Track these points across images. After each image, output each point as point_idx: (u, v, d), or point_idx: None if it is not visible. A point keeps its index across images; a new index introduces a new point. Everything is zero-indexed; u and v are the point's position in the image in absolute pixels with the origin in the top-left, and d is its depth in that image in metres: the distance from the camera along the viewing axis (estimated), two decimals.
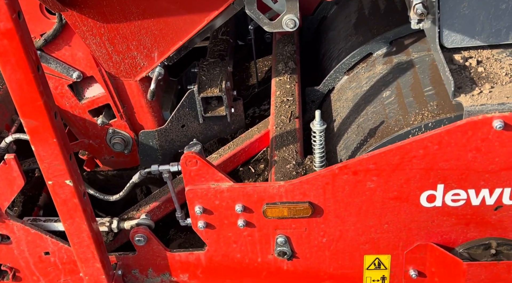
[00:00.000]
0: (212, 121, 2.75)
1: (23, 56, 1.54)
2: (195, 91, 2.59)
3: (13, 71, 1.57)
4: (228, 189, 2.05)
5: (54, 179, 1.84)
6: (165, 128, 2.68)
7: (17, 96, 1.63)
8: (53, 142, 1.73)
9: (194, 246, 2.69)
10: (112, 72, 2.47)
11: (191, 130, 2.74)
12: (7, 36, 1.50)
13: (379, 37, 2.59)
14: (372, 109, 2.31)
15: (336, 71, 2.70)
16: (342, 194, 2.02)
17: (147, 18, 2.20)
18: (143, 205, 2.45)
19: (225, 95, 2.56)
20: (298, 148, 2.27)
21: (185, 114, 2.67)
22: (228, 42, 3.02)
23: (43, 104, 1.65)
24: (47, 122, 1.69)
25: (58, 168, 1.80)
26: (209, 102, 2.69)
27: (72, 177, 1.84)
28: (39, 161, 1.80)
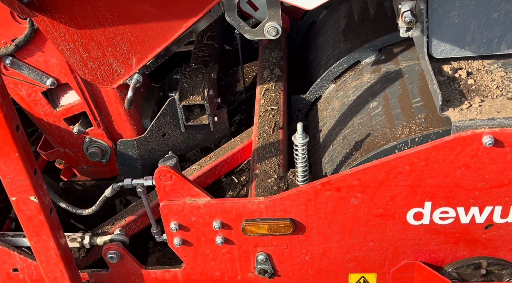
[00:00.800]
0: (194, 130, 2.65)
1: None
2: (176, 99, 2.49)
3: None
4: (205, 205, 1.95)
5: (18, 195, 1.73)
6: (144, 137, 2.57)
7: None
8: (15, 156, 1.63)
9: (173, 260, 2.58)
10: (88, 79, 2.36)
11: (172, 139, 2.64)
12: None
13: (367, 45, 2.50)
14: (358, 121, 2.22)
15: (323, 79, 2.61)
16: (325, 210, 1.92)
17: (122, 23, 2.10)
18: (119, 219, 2.34)
19: (208, 104, 2.46)
20: (280, 161, 2.17)
21: (166, 122, 2.57)
22: (213, 47, 2.92)
23: (3, 117, 1.54)
24: (8, 136, 1.58)
25: (21, 183, 1.69)
26: (192, 110, 2.59)
27: (37, 192, 1.73)
28: (1, 176, 1.69)
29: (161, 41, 2.18)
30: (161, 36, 2.15)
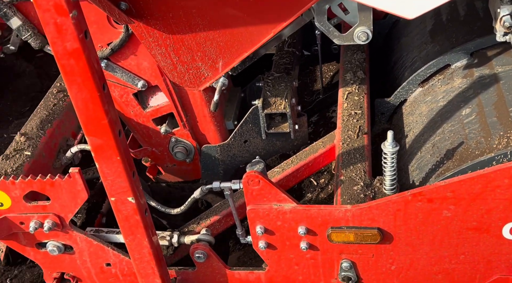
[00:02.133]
0: (275, 137, 2.68)
1: (89, 76, 1.51)
2: (259, 107, 2.52)
3: (79, 90, 1.55)
4: (291, 211, 1.96)
5: (117, 196, 1.82)
6: (227, 143, 2.63)
7: (82, 115, 1.61)
8: (116, 159, 1.71)
9: (253, 260, 2.63)
10: (177, 82, 2.43)
11: (253, 146, 2.69)
12: (73, 56, 1.47)
13: (458, 48, 2.40)
14: (449, 128, 2.14)
15: (410, 82, 2.54)
16: (415, 221, 1.88)
17: (212, 29, 2.14)
18: (204, 218, 2.41)
19: (290, 112, 2.48)
20: (366, 167, 2.14)
21: (248, 130, 2.62)
22: (294, 55, 2.93)
23: (107, 123, 1.62)
24: (111, 141, 1.66)
25: (121, 185, 1.78)
26: (273, 118, 2.62)
27: (135, 194, 1.81)
28: (102, 177, 1.78)
29: (249, 46, 2.20)
30: (250, 40, 2.18)
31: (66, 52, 1.47)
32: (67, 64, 1.50)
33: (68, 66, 1.50)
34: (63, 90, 2.59)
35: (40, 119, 2.37)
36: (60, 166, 2.37)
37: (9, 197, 2.04)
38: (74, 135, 2.56)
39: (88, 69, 1.50)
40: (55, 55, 1.49)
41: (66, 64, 1.50)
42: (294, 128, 2.59)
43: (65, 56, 1.48)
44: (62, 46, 1.46)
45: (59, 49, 1.47)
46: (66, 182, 1.96)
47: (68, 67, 1.50)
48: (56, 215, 2.07)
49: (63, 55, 1.48)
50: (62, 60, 1.49)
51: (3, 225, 2.10)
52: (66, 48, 1.46)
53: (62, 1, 1.37)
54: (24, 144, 2.23)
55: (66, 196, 2.00)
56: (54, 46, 1.46)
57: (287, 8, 1.98)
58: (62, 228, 2.11)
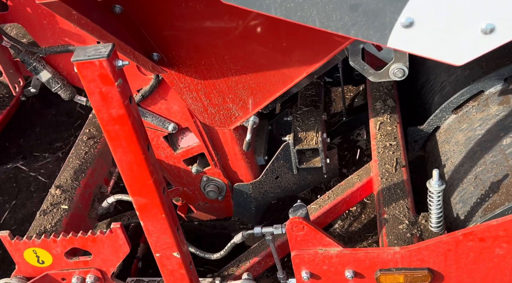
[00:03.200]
0: (306, 172, 2.66)
1: (134, 140, 1.50)
2: (290, 143, 2.50)
3: (124, 154, 1.54)
4: (338, 255, 1.92)
5: (162, 252, 1.79)
6: (259, 181, 2.62)
7: (127, 177, 1.60)
8: (161, 217, 1.69)
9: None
10: (207, 123, 2.42)
11: (284, 181, 2.67)
12: (119, 122, 1.46)
13: (492, 74, 2.37)
14: (490, 159, 2.10)
15: (443, 110, 2.50)
16: (466, 260, 1.83)
17: (244, 73, 2.13)
18: (243, 261, 2.37)
19: (322, 147, 2.45)
20: (409, 204, 2.11)
21: (279, 166, 2.60)
22: (319, 86, 2.91)
23: (152, 183, 1.60)
24: (156, 200, 1.65)
25: (166, 241, 1.76)
26: (303, 153, 2.59)
27: (180, 249, 1.79)
28: (147, 235, 1.76)
29: (281, 86, 2.19)
30: (282, 81, 2.16)
31: (111, 118, 1.45)
32: (112, 130, 1.48)
33: (113, 132, 1.49)
34: (93, 137, 2.59)
35: (74, 169, 2.36)
36: (96, 215, 2.36)
37: (51, 255, 2.02)
38: (106, 182, 2.55)
39: (133, 134, 1.49)
40: (100, 122, 1.48)
41: (111, 130, 1.48)
42: (326, 162, 2.56)
43: (110, 122, 1.46)
44: (108, 113, 1.44)
45: (104, 116, 1.45)
46: (107, 237, 1.95)
47: (113, 133, 1.49)
48: (98, 270, 2.05)
49: (108, 121, 1.46)
50: (107, 126, 1.48)
51: (46, 282, 2.08)
52: (111, 115, 1.45)
53: (107, 71, 1.36)
54: (60, 197, 2.22)
55: (108, 250, 1.98)
56: (99, 114, 1.45)
57: (322, 50, 1.97)
58: (104, 281, 2.09)
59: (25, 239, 1.98)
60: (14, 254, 2.02)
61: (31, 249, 2.00)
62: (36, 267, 2.06)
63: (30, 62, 2.20)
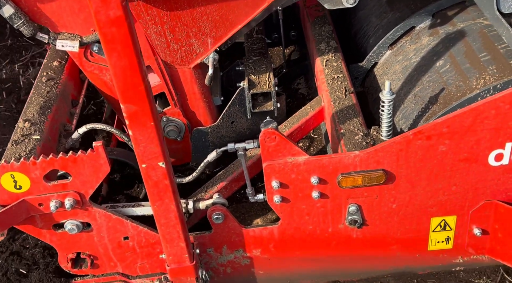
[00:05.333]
0: (258, 117, 2.86)
1: (129, 43, 1.60)
2: (245, 88, 2.68)
3: (118, 58, 1.64)
4: (305, 162, 2.14)
5: (148, 162, 1.91)
6: (216, 125, 2.78)
7: (120, 82, 1.69)
8: (150, 125, 1.80)
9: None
10: (168, 60, 2.53)
11: (239, 126, 2.85)
12: (116, 24, 1.56)
13: (421, 11, 2.69)
14: (427, 79, 2.42)
15: (380, 46, 2.80)
16: (415, 159, 2.12)
17: (210, 3, 2.27)
18: (210, 186, 2.53)
19: (274, 91, 2.67)
20: (361, 121, 2.37)
21: (235, 111, 2.78)
22: (263, 41, 3.14)
23: (144, 90, 1.71)
24: (146, 107, 1.76)
25: (153, 150, 1.87)
26: (256, 99, 2.80)
27: (165, 159, 1.91)
28: (135, 144, 1.86)
29: (243, 18, 2.35)
30: (244, 13, 2.33)
31: (109, 20, 1.55)
32: (109, 33, 1.58)
33: (110, 35, 1.58)
34: (52, 78, 2.60)
35: (39, 105, 2.38)
36: (64, 149, 2.39)
37: (29, 179, 2.06)
38: (68, 121, 2.59)
39: (129, 37, 1.59)
40: (97, 24, 1.57)
41: (108, 32, 1.58)
42: (277, 106, 2.78)
43: (107, 24, 1.56)
44: (106, 14, 1.54)
45: (102, 17, 1.55)
46: (88, 157, 2.02)
47: (110, 35, 1.58)
48: (77, 192, 2.12)
49: (105, 23, 1.56)
50: (104, 28, 1.57)
51: (21, 208, 2.11)
52: (109, 16, 1.54)
53: None
54: (30, 129, 2.24)
55: (88, 171, 2.06)
56: (97, 15, 1.54)
57: None
58: (82, 205, 2.16)
59: (3, 163, 2.00)
60: None
61: (9, 174, 2.02)
62: (13, 193, 2.08)
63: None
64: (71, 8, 2.30)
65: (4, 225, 2.07)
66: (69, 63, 2.76)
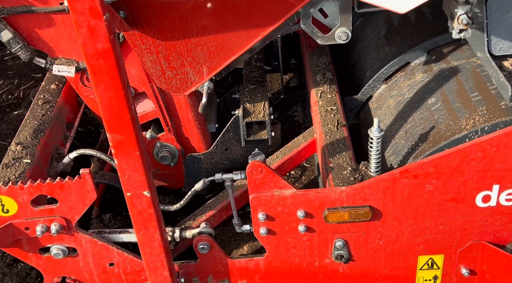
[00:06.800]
0: (252, 145, 2.88)
1: (116, 75, 1.63)
2: (240, 116, 2.71)
3: (105, 89, 1.66)
4: (291, 196, 2.14)
5: (133, 191, 1.92)
6: (210, 151, 2.79)
7: (106, 113, 1.72)
8: (136, 155, 1.82)
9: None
10: (163, 88, 2.56)
11: (233, 153, 2.87)
12: (103, 56, 1.59)
13: (417, 47, 2.71)
14: (419, 116, 2.42)
15: (375, 80, 2.81)
16: (401, 197, 2.12)
17: (205, 34, 2.30)
18: (198, 215, 2.53)
19: (268, 120, 2.69)
20: (350, 155, 2.37)
21: (229, 138, 2.81)
22: (262, 69, 3.18)
23: (130, 120, 1.74)
24: (132, 137, 1.77)
25: (138, 179, 1.88)
26: (250, 127, 2.82)
27: (150, 188, 1.93)
28: (120, 173, 1.88)
29: (238, 50, 2.38)
30: (238, 44, 2.36)
31: (97, 52, 1.58)
32: (96, 65, 1.61)
33: (97, 66, 1.61)
34: (48, 101, 2.64)
35: (33, 129, 2.41)
36: (55, 173, 2.41)
37: (16, 203, 2.07)
38: (62, 144, 2.61)
39: (116, 69, 1.62)
40: (85, 56, 1.60)
41: (95, 64, 1.61)
42: (271, 135, 2.80)
43: (94, 56, 1.59)
44: (93, 47, 1.57)
45: (89, 50, 1.58)
46: (75, 183, 2.04)
47: (97, 67, 1.61)
48: (63, 218, 2.13)
49: (93, 55, 1.59)
50: (92, 60, 1.60)
51: (8, 232, 2.12)
52: (97, 49, 1.57)
53: (97, 4, 1.49)
54: (22, 153, 2.27)
55: (74, 197, 2.07)
56: (85, 47, 1.57)
57: (276, 12, 2.19)
58: (68, 230, 2.17)
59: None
60: None
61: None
62: (0, 216, 2.09)
63: None
64: (68, 35, 2.34)
65: None
66: (66, 86, 2.80)
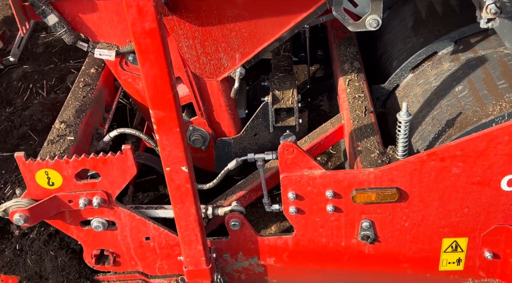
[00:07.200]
0: (280, 131, 2.97)
1: (161, 54, 1.74)
2: (269, 103, 2.81)
3: (150, 67, 1.77)
4: (321, 176, 2.23)
5: (172, 166, 2.03)
6: (240, 136, 2.90)
7: (150, 90, 1.83)
8: (176, 131, 1.93)
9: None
10: (197, 73, 2.67)
11: (262, 138, 2.97)
12: (150, 35, 1.70)
13: (444, 37, 2.77)
14: (446, 103, 2.49)
15: (402, 69, 2.88)
16: (428, 179, 2.19)
17: (240, 20, 2.40)
18: (229, 194, 2.63)
19: (297, 107, 2.78)
20: (378, 139, 2.45)
21: (258, 124, 2.91)
22: (290, 58, 3.27)
23: (172, 97, 1.84)
24: (173, 113, 1.88)
25: (177, 155, 1.99)
26: (279, 113, 2.91)
27: (188, 163, 2.03)
28: (161, 149, 1.99)
29: (270, 36, 2.48)
30: (271, 31, 2.45)
31: (144, 31, 1.69)
32: (143, 43, 1.72)
33: (144, 45, 1.72)
34: (88, 84, 2.77)
35: (75, 109, 2.54)
36: (95, 151, 2.54)
37: (61, 176, 2.20)
38: (101, 125, 2.74)
39: (161, 48, 1.73)
40: (133, 35, 1.71)
41: (142, 43, 1.72)
42: (299, 122, 2.89)
43: (142, 35, 1.70)
44: (141, 26, 1.68)
45: (137, 29, 1.69)
46: (117, 159, 2.15)
47: (144, 46, 1.72)
48: (104, 192, 2.25)
49: (140, 34, 1.70)
50: (139, 39, 1.71)
51: (53, 204, 2.25)
52: (144, 29, 1.68)
53: None
54: (65, 130, 2.40)
55: (116, 172, 2.19)
56: (134, 27, 1.68)
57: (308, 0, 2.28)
58: (109, 204, 2.29)
59: (39, 160, 2.15)
60: (26, 175, 2.18)
61: (43, 170, 2.17)
62: (46, 189, 2.23)
63: (39, 5, 2.37)
64: (110, 20, 2.47)
65: (35, 218, 2.21)
66: (105, 71, 2.92)
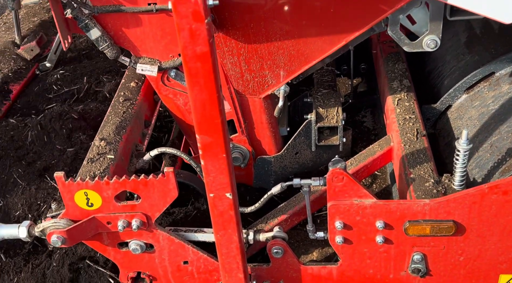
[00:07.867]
0: (322, 150, 2.86)
1: (212, 78, 1.64)
2: (312, 121, 2.69)
3: (199, 92, 1.68)
4: (371, 206, 2.10)
5: (216, 192, 1.93)
6: (281, 154, 2.79)
7: (198, 114, 1.73)
8: (222, 157, 1.83)
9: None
10: (240, 89, 2.57)
11: (303, 157, 2.86)
12: (201, 59, 1.60)
13: (503, 57, 2.60)
14: (506, 129, 2.32)
15: (456, 89, 2.72)
16: (488, 213, 2.03)
17: (288, 38, 2.29)
18: (271, 218, 2.53)
19: (341, 126, 2.66)
20: (432, 167, 2.30)
21: (300, 142, 2.80)
22: (333, 73, 3.14)
23: (220, 123, 1.75)
24: (220, 139, 1.79)
25: (222, 181, 1.89)
26: (322, 132, 2.80)
27: (233, 190, 1.93)
28: (205, 174, 1.89)
29: (319, 54, 2.36)
30: (320, 49, 2.33)
31: (195, 55, 1.60)
32: (193, 67, 1.62)
33: (194, 69, 1.63)
34: (128, 99, 2.70)
35: (115, 125, 2.47)
36: (134, 169, 2.47)
37: (101, 197, 2.13)
38: (140, 141, 2.67)
39: (212, 72, 1.63)
40: (183, 59, 1.62)
41: (192, 67, 1.62)
42: (343, 141, 2.77)
43: (193, 59, 1.61)
44: (192, 50, 1.59)
45: (188, 52, 1.60)
46: (159, 181, 2.07)
47: (194, 70, 1.63)
48: (144, 214, 2.17)
49: (191, 58, 1.61)
50: (190, 63, 1.62)
51: (91, 225, 2.18)
52: (195, 52, 1.59)
53: (200, 8, 1.50)
54: (105, 148, 2.33)
55: (157, 194, 2.11)
56: (185, 50, 1.59)
57: (364, 18, 2.15)
58: (148, 226, 2.21)
59: (79, 180, 2.08)
60: (65, 196, 2.11)
61: (83, 191, 2.10)
62: (84, 210, 2.16)
63: (82, 19, 2.32)
64: (154, 35, 2.39)
65: (73, 239, 2.15)
66: (145, 85, 2.86)
